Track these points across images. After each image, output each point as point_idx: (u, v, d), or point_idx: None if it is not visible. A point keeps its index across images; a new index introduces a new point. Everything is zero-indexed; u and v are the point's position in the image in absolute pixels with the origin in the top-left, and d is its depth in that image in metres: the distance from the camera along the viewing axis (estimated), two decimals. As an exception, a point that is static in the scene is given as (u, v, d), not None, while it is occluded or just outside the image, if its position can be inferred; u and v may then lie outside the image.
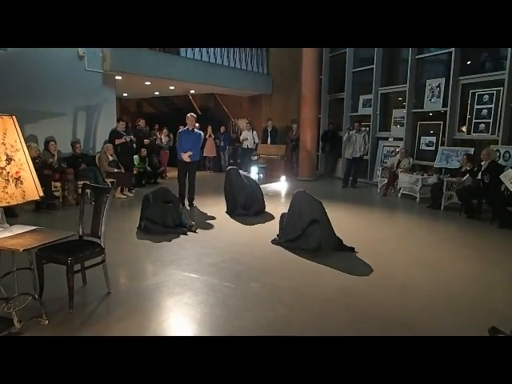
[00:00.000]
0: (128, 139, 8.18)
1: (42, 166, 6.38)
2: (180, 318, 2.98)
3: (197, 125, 12.43)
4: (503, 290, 3.63)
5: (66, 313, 2.94)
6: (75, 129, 8.14)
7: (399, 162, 8.46)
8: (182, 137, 6.84)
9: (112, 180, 7.64)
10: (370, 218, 6.63)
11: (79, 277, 3.33)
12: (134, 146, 8.67)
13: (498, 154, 6.91)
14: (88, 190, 4.36)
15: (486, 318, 2.88)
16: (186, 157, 6.70)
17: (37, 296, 3.02)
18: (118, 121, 8.46)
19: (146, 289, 3.43)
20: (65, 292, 2.98)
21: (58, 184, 6.83)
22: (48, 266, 3.12)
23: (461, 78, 8.07)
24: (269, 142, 11.72)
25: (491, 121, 7.51)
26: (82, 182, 5.48)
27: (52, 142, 7.04)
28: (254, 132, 11.78)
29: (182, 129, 7.09)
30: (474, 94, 7.83)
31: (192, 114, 7.01)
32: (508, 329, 2.01)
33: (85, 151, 7.97)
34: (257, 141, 11.80)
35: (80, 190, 6.07)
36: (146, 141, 9.38)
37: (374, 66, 9.99)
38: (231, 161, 12.55)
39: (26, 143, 2.78)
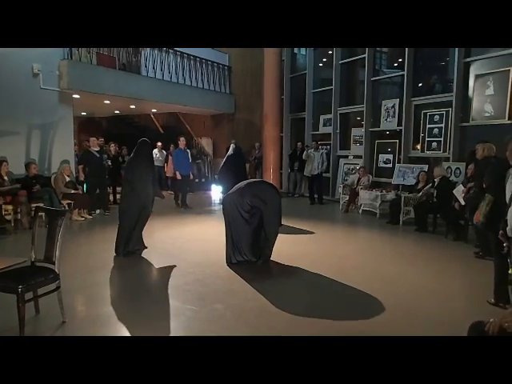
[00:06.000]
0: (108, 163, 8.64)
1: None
2: (141, 345, 2.85)
3: (159, 144, 12.31)
4: (460, 301, 3.77)
5: (16, 346, 2.73)
6: (29, 148, 7.79)
7: (359, 179, 8.72)
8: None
9: (69, 202, 7.33)
10: (333, 234, 6.74)
11: (31, 305, 3.12)
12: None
13: (449, 170, 7.32)
14: (42, 213, 4.15)
15: (445, 330, 2.97)
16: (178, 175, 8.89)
17: (-18, 329, 2.79)
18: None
19: (103, 316, 3.27)
20: (15, 323, 2.77)
21: (10, 207, 6.46)
22: (-4, 296, 2.91)
23: (413, 99, 8.52)
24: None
25: (442, 139, 7.95)
26: (35, 205, 5.21)
27: (4, 163, 6.67)
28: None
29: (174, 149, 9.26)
30: (425, 114, 8.28)
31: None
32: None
33: (39, 172, 7.62)
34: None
35: (33, 213, 5.77)
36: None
37: (332, 87, 10.36)
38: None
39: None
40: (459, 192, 5.82)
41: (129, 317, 3.25)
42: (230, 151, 7.85)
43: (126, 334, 2.99)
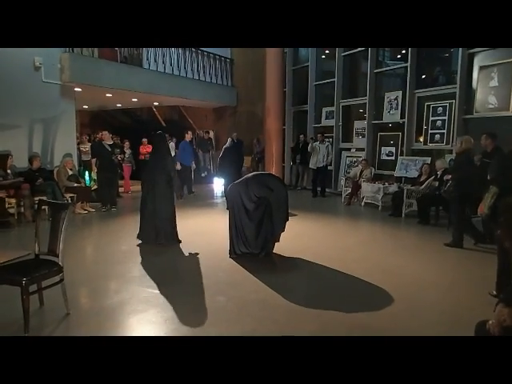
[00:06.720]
0: (119, 158, 8.60)
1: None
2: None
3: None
4: (462, 294, 3.77)
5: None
6: (31, 142, 7.80)
7: (361, 171, 8.70)
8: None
9: (72, 195, 7.36)
10: (335, 226, 6.74)
11: (36, 298, 3.14)
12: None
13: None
14: (45, 207, 4.17)
15: (448, 324, 2.98)
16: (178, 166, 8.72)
17: (-12, 321, 2.82)
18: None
19: (107, 308, 3.30)
20: (20, 314, 2.80)
21: (13, 200, 6.49)
22: (1, 288, 2.93)
23: (416, 91, 8.46)
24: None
25: (445, 131, 7.90)
26: (38, 198, 5.22)
27: (10, 157, 6.69)
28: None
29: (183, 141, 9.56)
30: (428, 106, 8.22)
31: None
32: (465, 331, 2.08)
33: (42, 165, 7.63)
34: None
35: (36, 206, 5.79)
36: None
37: (335, 79, 10.29)
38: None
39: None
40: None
41: (131, 309, 3.28)
42: (227, 144, 7.96)
43: (129, 326, 3.02)
